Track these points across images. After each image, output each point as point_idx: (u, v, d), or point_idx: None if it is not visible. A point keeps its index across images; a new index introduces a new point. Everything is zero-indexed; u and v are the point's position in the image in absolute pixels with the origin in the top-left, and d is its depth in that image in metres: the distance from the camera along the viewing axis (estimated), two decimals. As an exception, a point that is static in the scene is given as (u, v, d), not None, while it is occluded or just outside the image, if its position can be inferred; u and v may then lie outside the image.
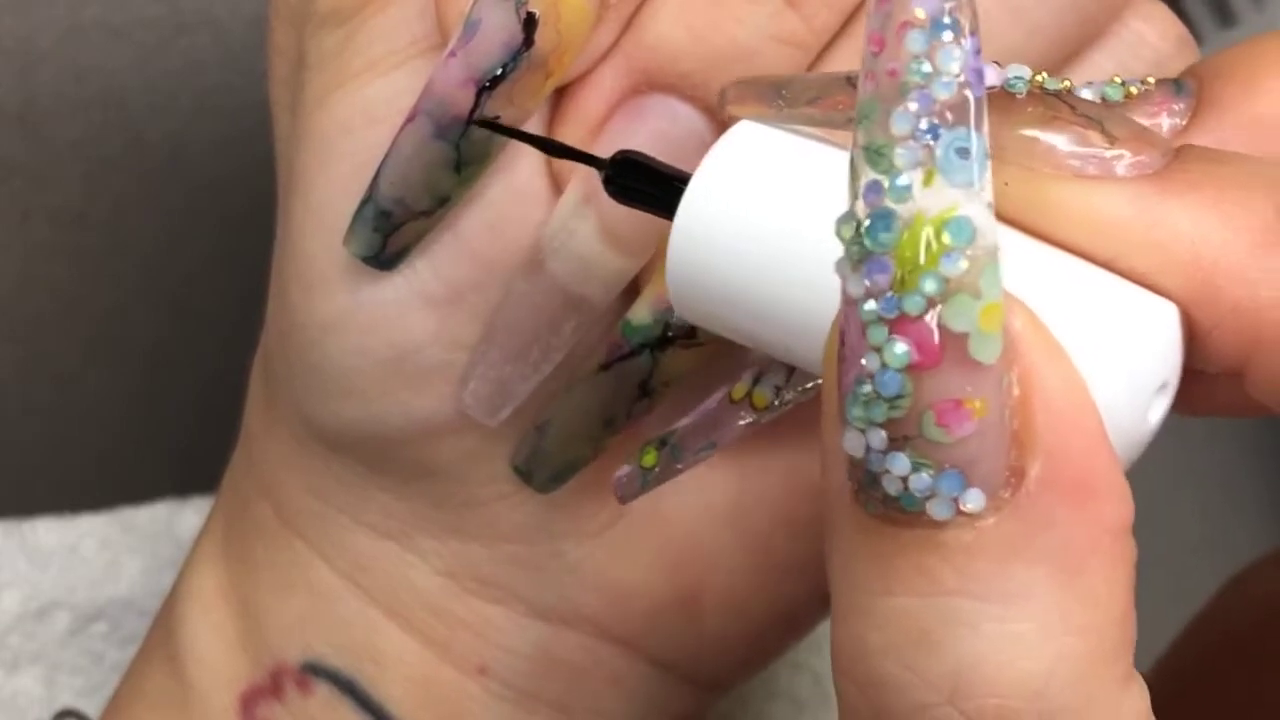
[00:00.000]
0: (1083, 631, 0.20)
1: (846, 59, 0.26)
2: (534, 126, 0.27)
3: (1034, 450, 0.19)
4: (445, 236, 0.28)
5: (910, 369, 0.19)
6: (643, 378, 0.28)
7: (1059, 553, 0.19)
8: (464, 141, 0.27)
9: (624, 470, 0.27)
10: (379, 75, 0.28)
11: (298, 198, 0.29)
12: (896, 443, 0.19)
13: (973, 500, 0.19)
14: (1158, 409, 0.21)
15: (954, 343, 0.19)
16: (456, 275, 0.28)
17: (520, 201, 0.28)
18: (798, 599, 0.32)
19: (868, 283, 0.19)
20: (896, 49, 0.19)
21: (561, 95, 0.28)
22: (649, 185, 0.24)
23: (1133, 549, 0.20)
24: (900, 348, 0.19)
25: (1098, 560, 0.20)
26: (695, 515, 0.31)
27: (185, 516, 0.47)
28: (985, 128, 0.19)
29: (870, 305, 0.19)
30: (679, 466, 0.27)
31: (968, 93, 0.19)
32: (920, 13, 0.19)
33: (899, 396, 0.19)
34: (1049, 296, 0.20)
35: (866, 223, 0.19)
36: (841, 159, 0.20)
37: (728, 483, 0.31)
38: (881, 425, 0.19)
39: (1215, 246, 0.21)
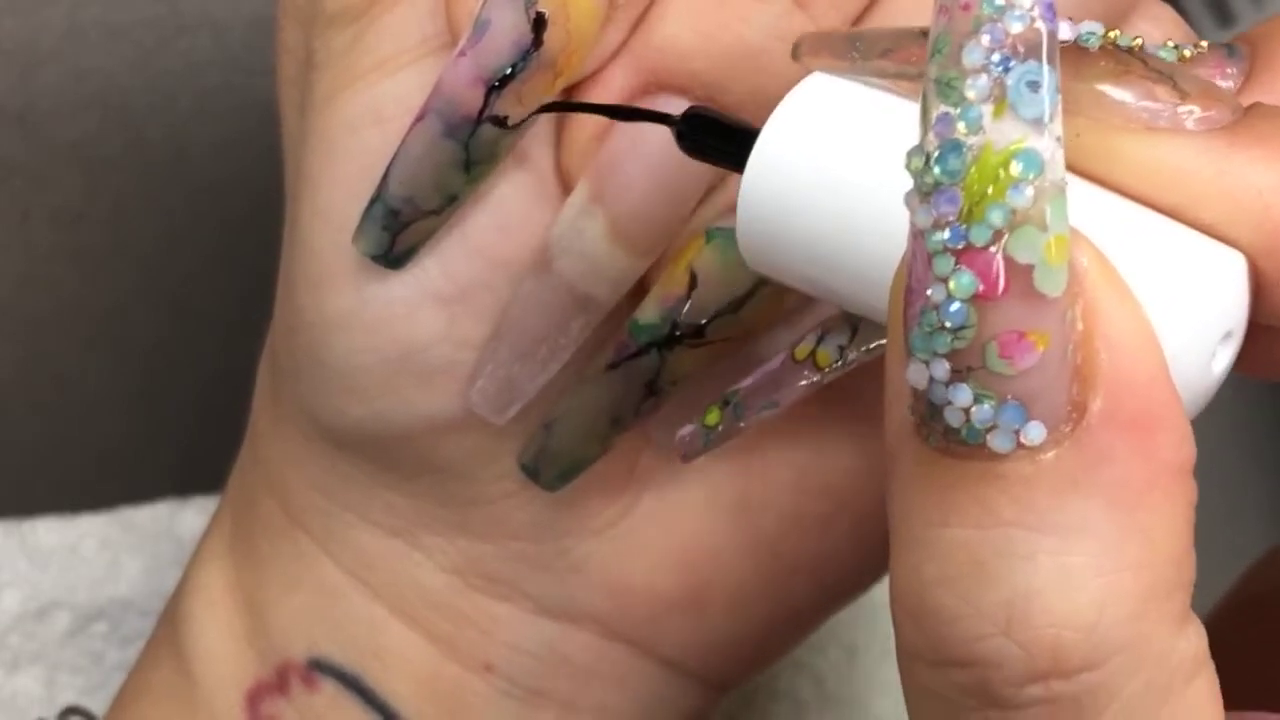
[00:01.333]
0: (1136, 568, 0.20)
1: None
2: (542, 126, 0.27)
3: (1096, 385, 0.20)
4: (454, 235, 0.28)
5: (975, 299, 0.19)
6: (650, 377, 0.28)
7: (1117, 487, 0.20)
8: (473, 141, 0.27)
9: (687, 429, 0.27)
10: (387, 75, 0.28)
11: (305, 196, 0.29)
12: (960, 374, 0.19)
13: (1033, 433, 0.19)
14: (1222, 358, 0.22)
15: (1019, 274, 0.19)
16: (465, 274, 0.28)
17: (529, 201, 0.28)
18: (804, 598, 0.32)
19: (935, 213, 0.19)
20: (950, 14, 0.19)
21: (570, 94, 0.28)
22: (720, 140, 0.24)
23: (1193, 490, 0.20)
24: (966, 278, 0.19)
25: (1155, 497, 0.20)
26: (702, 514, 0.31)
27: (186, 516, 0.47)
28: (1056, 62, 0.19)
29: (937, 235, 0.19)
30: (741, 425, 0.27)
31: (1040, 26, 0.19)
32: None
33: (963, 327, 0.19)
34: (1116, 241, 0.20)
35: (936, 154, 0.19)
36: (913, 108, 0.20)
37: (734, 482, 0.31)
38: (945, 356, 0.19)
39: None
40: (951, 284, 0.19)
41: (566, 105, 0.27)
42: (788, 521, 0.31)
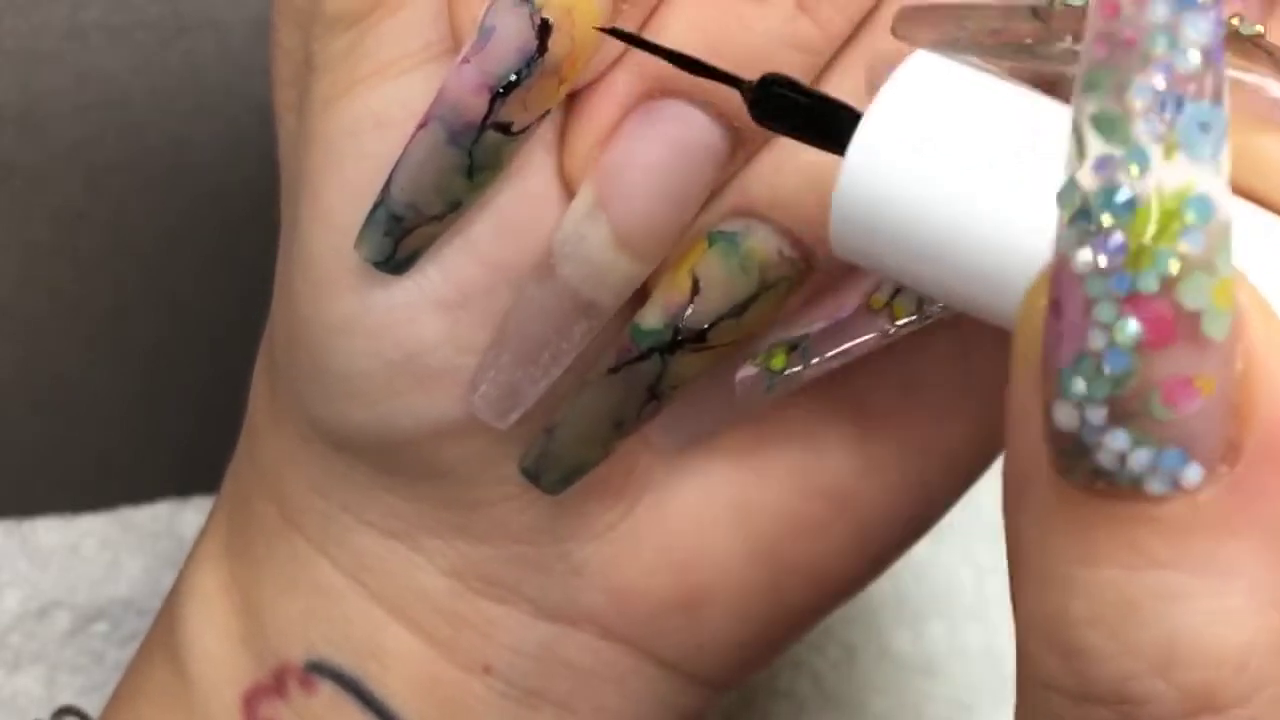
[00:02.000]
0: None
1: (858, 64, 0.26)
2: (544, 132, 0.28)
3: (1253, 423, 0.19)
4: (456, 241, 0.28)
5: (1140, 347, 0.18)
6: (652, 381, 0.28)
7: (1270, 524, 0.19)
8: (477, 147, 0.27)
9: (748, 371, 0.27)
10: (389, 79, 0.28)
11: (305, 200, 0.29)
12: (1117, 419, 0.19)
13: (1192, 475, 0.19)
14: None
15: (1187, 321, 0.18)
16: (467, 279, 0.28)
17: (532, 206, 0.28)
18: (801, 599, 0.32)
19: (1098, 258, 0.18)
20: (1137, 15, 0.18)
21: (573, 100, 0.28)
22: (796, 110, 0.23)
23: None
24: (1132, 326, 0.18)
25: None
26: (700, 516, 0.31)
27: (186, 516, 0.47)
28: (1226, 97, 0.18)
29: (1099, 281, 0.18)
30: (806, 372, 0.27)
31: (1213, 64, 0.18)
32: None
33: (1126, 375, 0.19)
34: (1260, 261, 0.20)
35: (1098, 197, 0.18)
36: (1031, 101, 0.20)
37: (732, 483, 0.31)
38: (1103, 402, 0.19)
39: None
40: (1116, 331, 0.18)
41: (633, 38, 0.26)
42: (785, 523, 0.32)
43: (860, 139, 0.22)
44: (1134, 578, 0.19)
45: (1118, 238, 0.18)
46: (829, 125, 0.23)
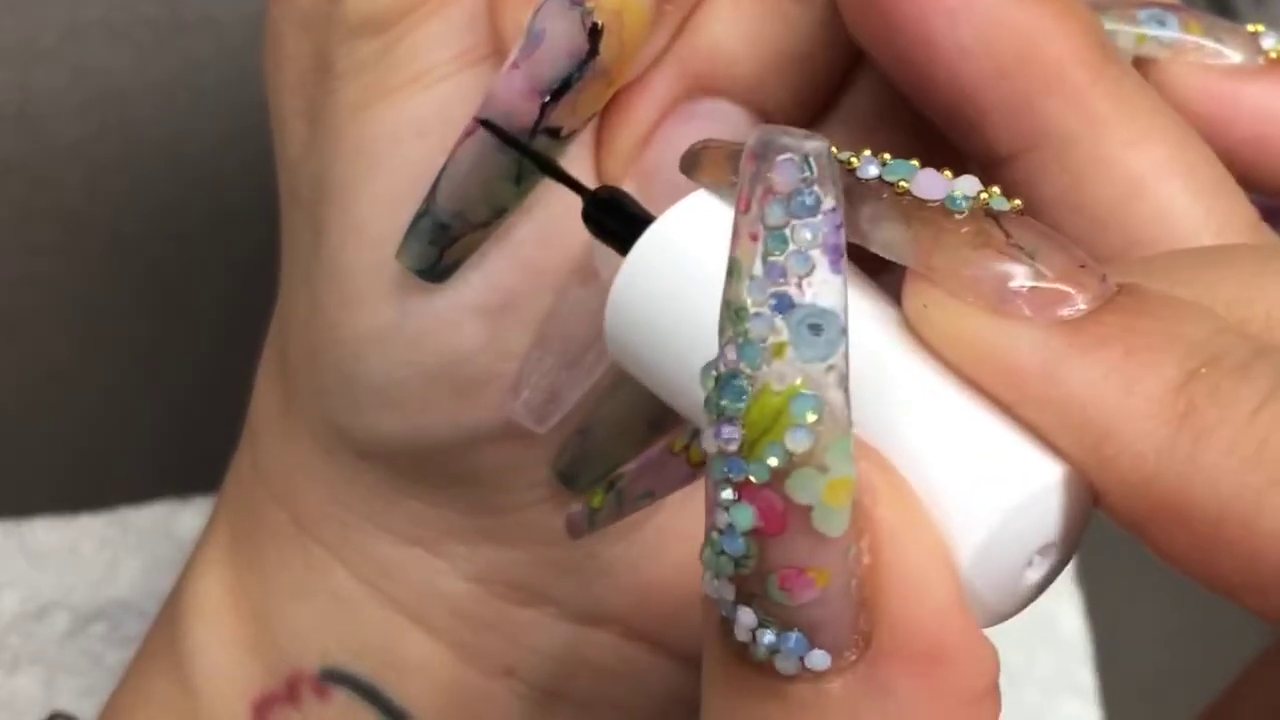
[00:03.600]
0: None
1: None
2: (585, 132, 0.27)
3: (880, 619, 0.19)
4: (498, 246, 0.28)
5: (754, 533, 0.19)
6: None
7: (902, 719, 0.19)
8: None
9: (575, 508, 0.27)
10: (426, 87, 0.27)
11: (336, 210, 0.29)
12: (744, 597, 0.19)
13: (817, 660, 0.19)
14: (1039, 569, 0.21)
15: (798, 513, 0.19)
16: (509, 284, 0.28)
17: (572, 209, 0.28)
18: None
19: (719, 442, 0.19)
20: (759, 213, 0.19)
21: (612, 101, 0.27)
22: (622, 225, 0.23)
23: (994, 711, 0.20)
24: (745, 512, 0.19)
25: None
26: None
27: (184, 517, 0.47)
28: (841, 301, 0.19)
29: (721, 463, 0.19)
30: (622, 511, 0.26)
31: (823, 268, 0.19)
32: (780, 183, 0.19)
33: (744, 557, 0.19)
34: (933, 438, 0.20)
35: (723, 381, 0.19)
36: None
37: None
38: (730, 579, 0.19)
39: (1109, 413, 0.19)
40: (732, 514, 0.19)
41: (501, 133, 0.26)
42: None
43: (628, 264, 0.22)
44: None
45: (733, 426, 0.19)
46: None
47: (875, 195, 0.21)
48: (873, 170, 0.21)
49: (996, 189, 0.21)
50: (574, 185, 0.24)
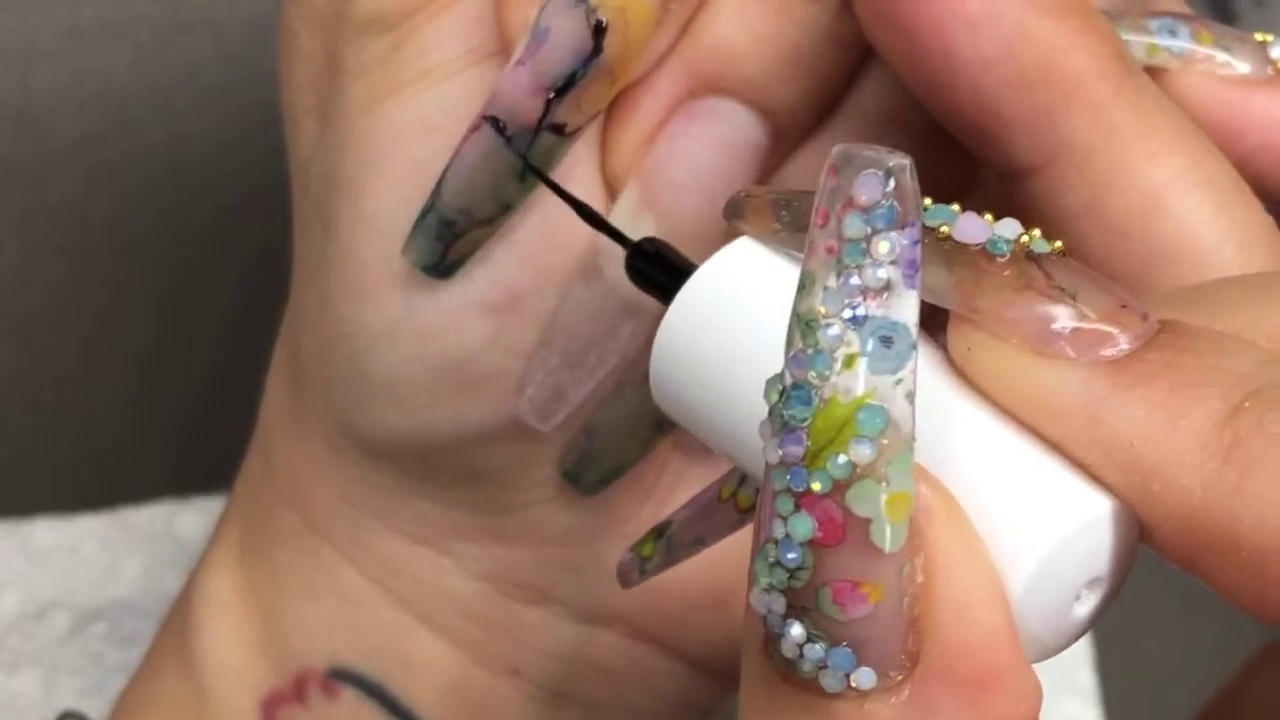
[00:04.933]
0: None
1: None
2: (590, 131, 0.27)
3: (930, 640, 0.19)
4: (503, 243, 0.28)
5: (812, 544, 0.19)
6: None
7: None
8: (532, 150, 0.26)
9: (625, 556, 0.27)
10: (434, 84, 0.28)
11: (346, 206, 0.29)
12: (794, 611, 0.19)
13: (863, 678, 0.19)
14: (1087, 603, 0.21)
15: (856, 525, 0.19)
16: (513, 282, 0.28)
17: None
18: None
19: (781, 452, 0.19)
20: (837, 226, 0.19)
21: (617, 99, 0.27)
22: (664, 274, 0.24)
23: None
24: (804, 522, 0.19)
25: None
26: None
27: (185, 517, 0.47)
28: (914, 316, 0.19)
29: (781, 474, 0.19)
30: (673, 558, 0.27)
31: (898, 282, 0.19)
32: (862, 196, 0.19)
33: (799, 569, 0.19)
34: (983, 474, 0.20)
35: (789, 392, 0.19)
36: None
37: None
38: (781, 591, 0.19)
39: (1155, 448, 0.20)
40: (790, 525, 0.19)
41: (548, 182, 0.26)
42: None
43: (677, 307, 0.23)
44: None
45: (798, 435, 0.19)
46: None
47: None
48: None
49: (1037, 231, 0.21)
50: (616, 236, 0.24)
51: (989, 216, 0.21)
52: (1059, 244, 0.21)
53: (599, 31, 0.25)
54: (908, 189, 0.19)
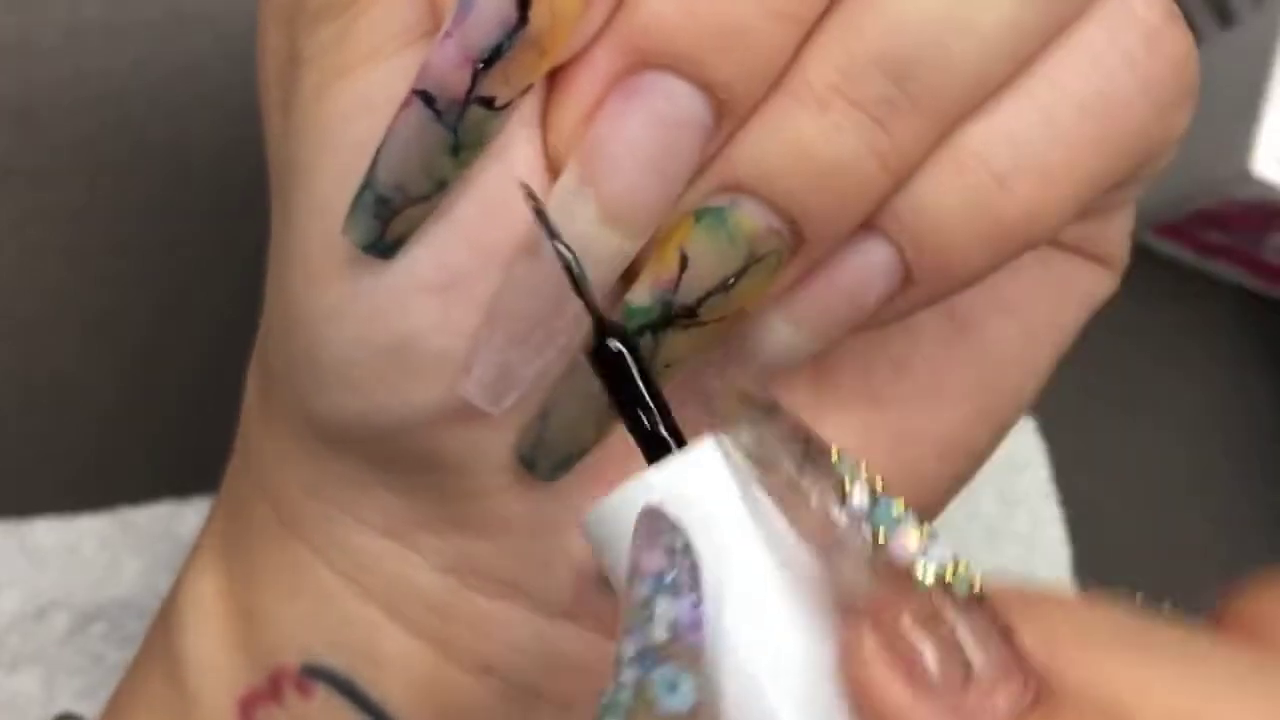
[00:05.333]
0: None
1: (838, 35, 0.26)
2: (527, 109, 0.27)
3: None
4: (443, 223, 0.28)
5: None
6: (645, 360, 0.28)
7: None
8: (461, 124, 0.26)
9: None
10: (376, 65, 0.27)
11: (298, 191, 0.29)
12: None
13: None
14: None
15: None
16: (455, 261, 0.28)
17: (514, 184, 0.28)
18: None
19: None
20: (629, 596, 0.22)
21: (555, 77, 0.27)
22: (623, 381, 0.25)
23: None
24: None
25: None
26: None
27: (185, 517, 0.47)
28: (699, 670, 0.21)
29: None
30: None
31: (678, 640, 0.22)
32: (647, 564, 0.22)
33: None
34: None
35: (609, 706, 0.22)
36: (760, 545, 0.23)
37: None
38: None
39: None
40: None
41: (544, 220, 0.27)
42: None
43: (606, 504, 0.25)
44: None
45: None
46: (638, 411, 0.25)
47: (855, 529, 0.22)
48: (857, 499, 0.22)
49: (965, 562, 0.22)
50: (597, 320, 0.26)
51: (926, 529, 0.22)
52: (978, 586, 0.22)
53: (524, 2, 0.25)
54: (687, 562, 0.22)
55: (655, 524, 0.23)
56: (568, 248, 0.26)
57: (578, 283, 0.26)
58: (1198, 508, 0.58)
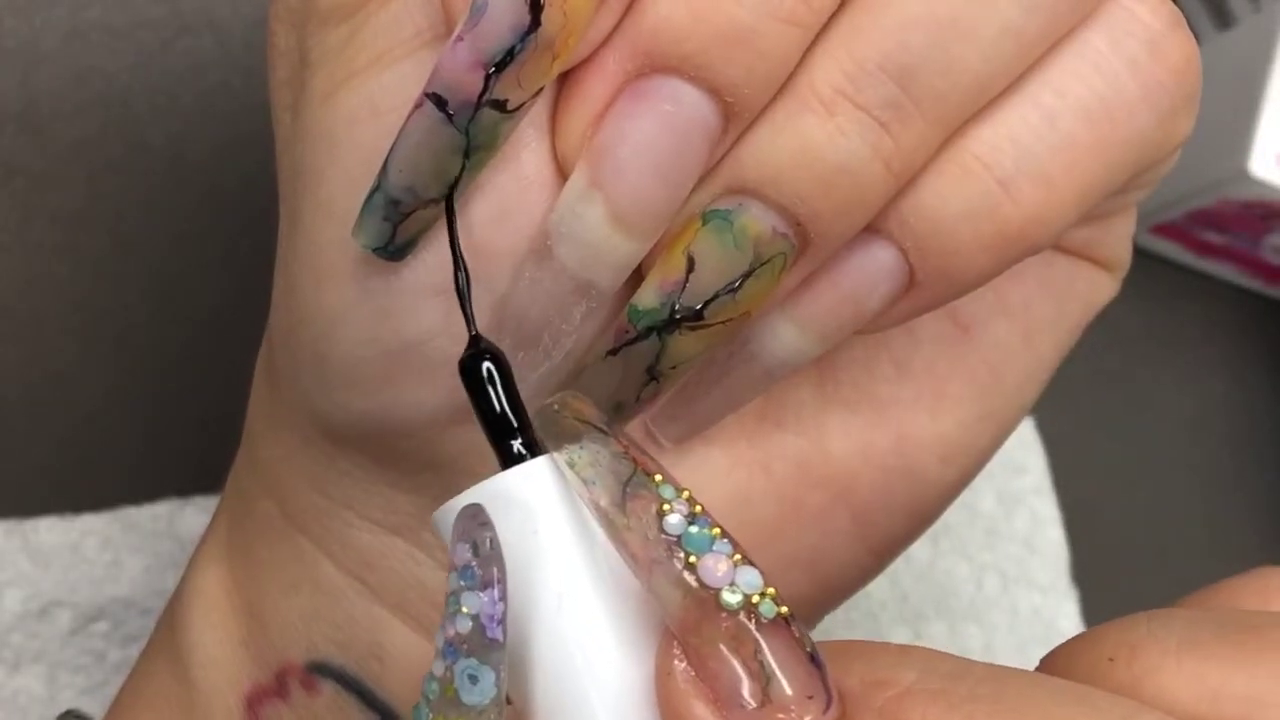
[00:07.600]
0: None
1: (844, 39, 0.26)
2: (536, 113, 0.27)
3: None
4: None
5: None
6: (650, 361, 0.28)
7: None
8: (473, 126, 0.26)
9: None
10: (385, 67, 0.28)
11: (307, 193, 0.29)
12: None
13: None
14: None
15: None
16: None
17: (526, 189, 0.28)
18: (802, 591, 0.32)
19: None
20: (451, 580, 0.23)
21: (564, 80, 0.27)
22: (488, 394, 0.26)
23: None
24: None
25: None
26: (704, 504, 0.31)
27: (187, 516, 0.47)
28: (499, 664, 0.23)
29: None
30: None
31: (480, 633, 0.23)
32: (456, 558, 0.23)
33: None
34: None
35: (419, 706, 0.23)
36: (582, 554, 0.24)
37: (732, 473, 0.31)
38: None
39: None
40: None
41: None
42: (786, 513, 0.31)
43: (451, 506, 0.25)
44: None
45: None
46: (501, 427, 0.26)
47: (670, 551, 0.23)
48: (674, 522, 0.23)
49: (773, 591, 0.23)
50: (469, 321, 0.27)
51: (738, 557, 0.23)
52: (784, 609, 0.23)
53: (536, 6, 0.25)
54: (492, 556, 0.23)
55: (469, 522, 0.23)
56: (462, 258, 0.27)
57: (460, 293, 0.27)
58: (1196, 507, 0.58)
